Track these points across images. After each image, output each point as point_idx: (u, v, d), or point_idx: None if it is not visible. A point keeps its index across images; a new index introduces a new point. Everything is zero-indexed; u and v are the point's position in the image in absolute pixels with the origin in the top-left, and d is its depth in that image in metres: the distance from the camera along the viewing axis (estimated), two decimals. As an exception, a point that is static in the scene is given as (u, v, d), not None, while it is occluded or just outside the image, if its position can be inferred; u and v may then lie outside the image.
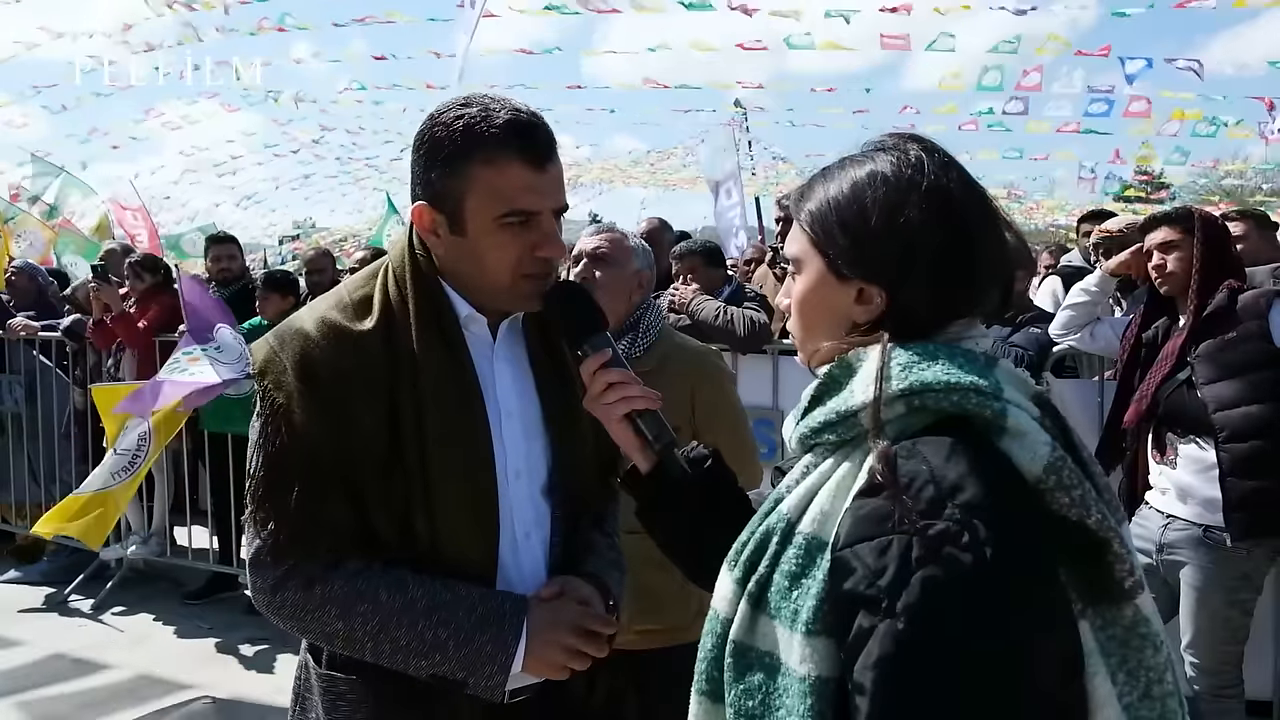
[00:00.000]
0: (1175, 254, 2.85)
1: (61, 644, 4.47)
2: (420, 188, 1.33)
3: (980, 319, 1.01)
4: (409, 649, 1.25)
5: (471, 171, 1.28)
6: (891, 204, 0.96)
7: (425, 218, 1.33)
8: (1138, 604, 0.91)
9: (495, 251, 1.30)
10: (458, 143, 1.28)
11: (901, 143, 1.01)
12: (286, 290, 4.80)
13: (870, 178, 0.99)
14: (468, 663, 1.25)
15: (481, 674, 1.25)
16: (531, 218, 1.30)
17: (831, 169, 1.04)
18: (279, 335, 1.33)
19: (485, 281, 1.34)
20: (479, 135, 1.27)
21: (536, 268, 1.33)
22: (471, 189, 1.28)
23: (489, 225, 1.29)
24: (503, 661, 1.25)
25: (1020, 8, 8.79)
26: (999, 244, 1.00)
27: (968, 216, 0.97)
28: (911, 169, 0.98)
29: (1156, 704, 0.91)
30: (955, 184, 0.98)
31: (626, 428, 1.29)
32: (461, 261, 1.34)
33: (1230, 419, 2.63)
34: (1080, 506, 0.88)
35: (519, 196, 1.28)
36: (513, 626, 1.27)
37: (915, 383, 0.91)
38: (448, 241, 1.33)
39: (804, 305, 1.05)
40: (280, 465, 1.27)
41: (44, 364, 5.59)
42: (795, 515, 0.95)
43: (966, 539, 0.82)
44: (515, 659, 1.26)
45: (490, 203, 1.28)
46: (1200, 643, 2.75)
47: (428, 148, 1.31)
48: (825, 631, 0.88)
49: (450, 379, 1.32)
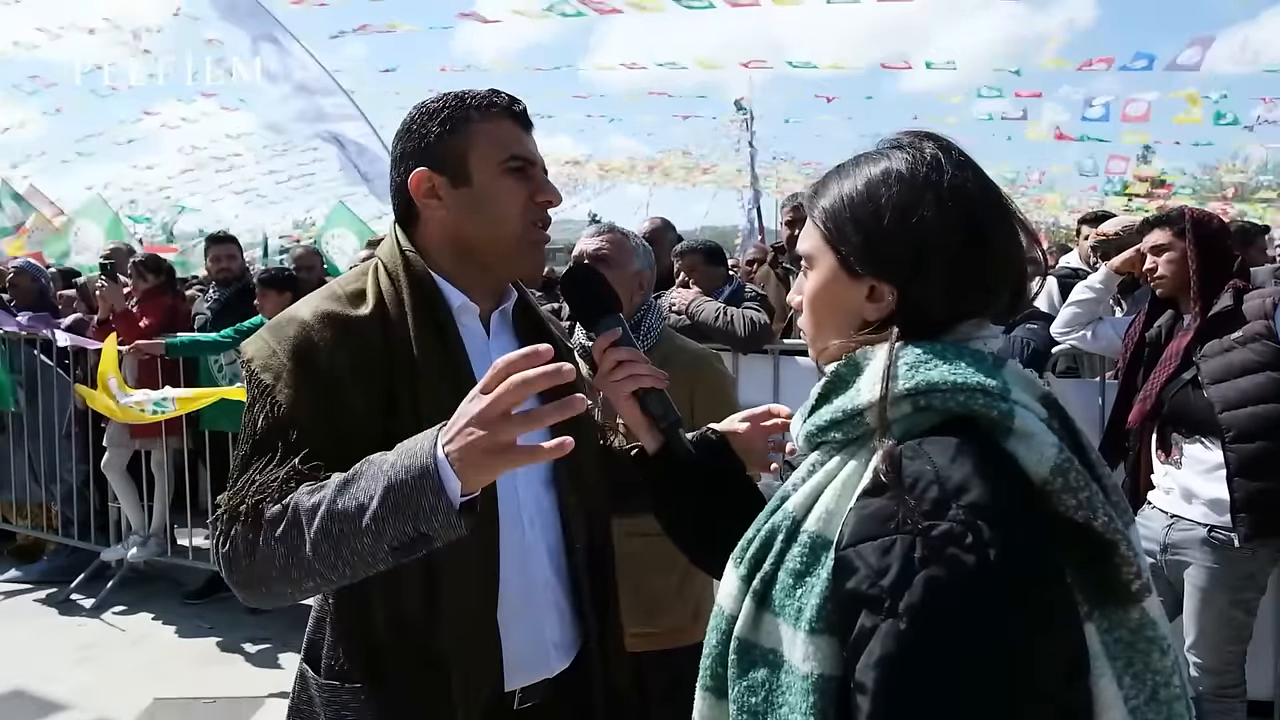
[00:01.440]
0: (1167, 256, 2.86)
1: (61, 643, 4.47)
2: (414, 159, 1.37)
3: (990, 319, 1.00)
4: (344, 536, 1.09)
5: (470, 128, 1.36)
6: (906, 202, 0.96)
7: (424, 182, 1.36)
8: (1145, 607, 0.90)
9: (503, 197, 1.36)
10: (452, 107, 1.37)
11: (917, 140, 1.01)
12: (284, 287, 4.78)
13: (885, 175, 0.98)
14: (403, 509, 1.05)
15: (424, 513, 1.05)
16: (528, 166, 1.38)
17: (847, 166, 1.04)
18: (271, 326, 1.33)
19: (491, 231, 1.36)
20: (471, 100, 1.38)
21: (538, 214, 1.39)
22: (473, 143, 1.35)
23: (494, 172, 1.36)
24: (434, 487, 1.04)
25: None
26: (1013, 244, 0.99)
27: (982, 216, 0.97)
28: (927, 167, 0.97)
29: (1163, 707, 0.90)
30: (971, 183, 0.98)
31: (634, 406, 1.32)
32: (468, 216, 1.36)
33: (1237, 419, 2.63)
34: (1087, 509, 0.88)
35: (516, 145, 1.38)
36: (425, 448, 1.07)
37: (922, 382, 0.90)
38: (450, 200, 1.36)
39: (815, 302, 1.05)
40: (262, 443, 1.24)
41: (44, 363, 5.59)
42: (800, 513, 0.95)
43: (970, 540, 0.82)
44: (445, 480, 1.04)
45: (493, 150, 1.36)
46: (1204, 643, 2.75)
47: (419, 121, 1.38)
48: (828, 630, 0.88)
49: (446, 368, 1.32)
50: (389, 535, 1.07)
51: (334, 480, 1.14)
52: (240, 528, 1.19)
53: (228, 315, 5.19)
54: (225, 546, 1.21)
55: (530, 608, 1.38)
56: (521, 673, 1.37)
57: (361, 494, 1.09)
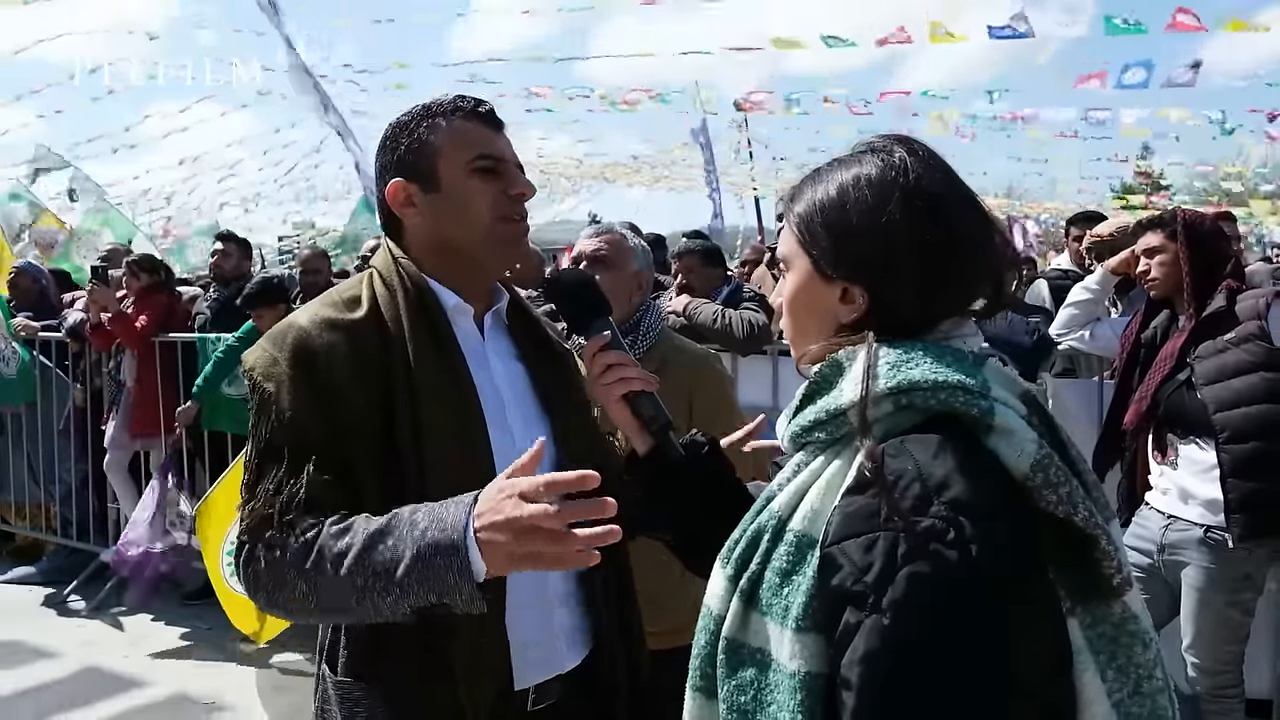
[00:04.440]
0: (1160, 258, 2.87)
1: (61, 644, 4.47)
2: (390, 171, 1.41)
3: (971, 318, 1.01)
4: (368, 589, 1.17)
5: (437, 136, 1.40)
6: (873, 204, 0.98)
7: (400, 192, 1.40)
8: (1126, 601, 0.91)
9: (472, 197, 1.39)
10: (420, 117, 1.41)
11: (888, 144, 1.02)
12: (275, 299, 4.62)
13: (855, 179, 1.00)
14: (428, 580, 1.13)
15: (448, 589, 1.12)
16: (499, 164, 1.41)
17: (821, 170, 1.06)
18: (271, 335, 1.36)
19: (466, 232, 1.39)
20: (438, 108, 1.42)
21: (511, 208, 1.41)
22: (441, 147, 1.39)
23: (462, 174, 1.39)
24: (459, 567, 1.11)
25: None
26: (984, 244, 1.00)
27: (950, 217, 0.98)
28: (895, 170, 0.99)
29: (1147, 700, 0.91)
30: (938, 185, 0.99)
31: (624, 409, 1.33)
32: (441, 219, 1.39)
33: (1231, 420, 2.63)
34: (1067, 504, 0.89)
35: (484, 144, 1.41)
36: (457, 522, 1.13)
37: (903, 381, 0.91)
38: (424, 205, 1.40)
39: (793, 305, 1.07)
40: (269, 449, 1.28)
41: (44, 364, 5.60)
42: (786, 513, 0.96)
43: (952, 536, 0.83)
44: (472, 561, 1.11)
45: (461, 151, 1.39)
46: (1201, 643, 2.75)
47: (392, 135, 1.43)
48: (815, 628, 0.89)
49: (443, 369, 1.34)
50: (412, 599, 1.16)
51: (360, 528, 1.20)
52: (264, 551, 1.25)
53: (227, 315, 5.18)
54: (248, 567, 1.27)
55: (539, 597, 1.39)
56: (531, 667, 1.37)
57: (390, 554, 1.16)
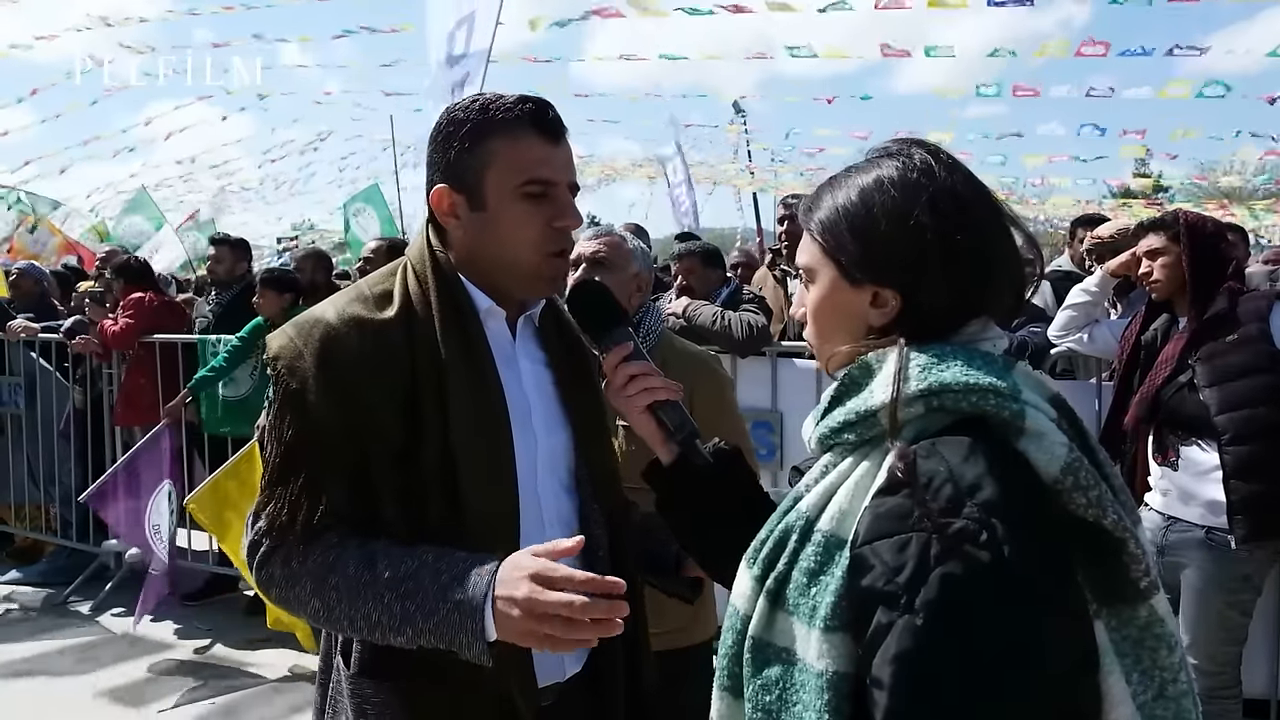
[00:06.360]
0: (1161, 260, 2.88)
1: (60, 644, 4.46)
2: (439, 172, 1.36)
3: (995, 320, 1.02)
4: (381, 624, 1.21)
5: (490, 146, 1.32)
6: (900, 207, 0.98)
7: (445, 200, 1.35)
8: (1153, 604, 0.92)
9: (517, 224, 1.33)
10: (475, 120, 1.33)
11: (906, 147, 1.03)
12: (284, 288, 4.73)
13: (877, 183, 1.00)
14: (442, 633, 1.18)
15: (460, 645, 1.17)
16: (549, 189, 1.34)
17: (838, 177, 1.06)
18: (297, 324, 1.33)
19: (507, 259, 1.35)
20: (495, 112, 1.33)
21: (557, 243, 1.36)
22: (491, 162, 1.32)
23: (509, 197, 1.32)
24: (473, 629, 1.15)
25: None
26: (1008, 243, 1.01)
27: (977, 216, 0.99)
28: (918, 172, 0.99)
29: (1171, 704, 0.92)
30: (962, 185, 1.00)
31: (649, 419, 1.31)
32: (483, 240, 1.35)
33: (1232, 421, 2.65)
34: (1096, 507, 0.90)
35: (536, 167, 1.33)
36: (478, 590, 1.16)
37: (934, 383, 0.92)
38: (467, 221, 1.35)
39: (819, 313, 1.07)
40: (292, 451, 1.27)
41: (43, 366, 5.59)
42: (814, 513, 0.96)
43: (985, 537, 0.84)
44: (486, 626, 1.15)
45: (510, 174, 1.32)
46: (1200, 644, 2.76)
47: (445, 132, 1.36)
48: (842, 627, 0.90)
49: (472, 372, 1.32)
50: (422, 641, 1.20)
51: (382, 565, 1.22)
52: (280, 562, 1.26)
53: (229, 318, 5.18)
54: (263, 569, 1.28)
55: None
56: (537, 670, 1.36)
57: (409, 602, 1.19)
